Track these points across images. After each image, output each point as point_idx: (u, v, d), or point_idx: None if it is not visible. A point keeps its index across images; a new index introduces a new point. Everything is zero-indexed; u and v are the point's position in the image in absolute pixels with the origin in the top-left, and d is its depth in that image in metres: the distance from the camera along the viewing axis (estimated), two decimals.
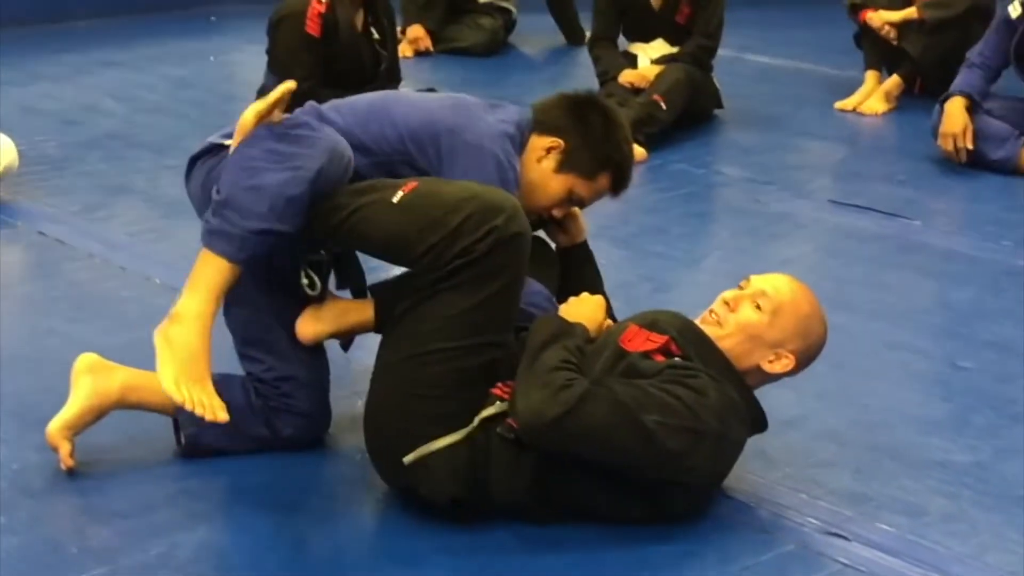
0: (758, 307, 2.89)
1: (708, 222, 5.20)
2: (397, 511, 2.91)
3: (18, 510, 2.88)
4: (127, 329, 3.80)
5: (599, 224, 4.97)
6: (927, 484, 3.11)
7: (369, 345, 3.07)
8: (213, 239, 2.81)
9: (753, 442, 2.99)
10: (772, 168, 5.64)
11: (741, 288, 2.95)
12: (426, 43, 7.58)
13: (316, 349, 3.10)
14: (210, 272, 2.81)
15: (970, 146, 5.54)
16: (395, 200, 2.77)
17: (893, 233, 4.86)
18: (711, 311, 2.95)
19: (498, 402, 2.79)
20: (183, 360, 2.77)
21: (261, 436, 3.08)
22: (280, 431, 3.09)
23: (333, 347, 3.17)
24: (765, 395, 3.01)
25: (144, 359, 3.58)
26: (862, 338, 3.87)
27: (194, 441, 3.05)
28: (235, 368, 3.15)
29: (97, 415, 3.02)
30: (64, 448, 2.97)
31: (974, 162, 5.56)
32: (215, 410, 2.74)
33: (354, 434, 3.10)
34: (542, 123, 3.17)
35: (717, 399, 2.75)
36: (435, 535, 2.82)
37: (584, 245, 3.34)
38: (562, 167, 3.16)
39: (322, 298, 3.04)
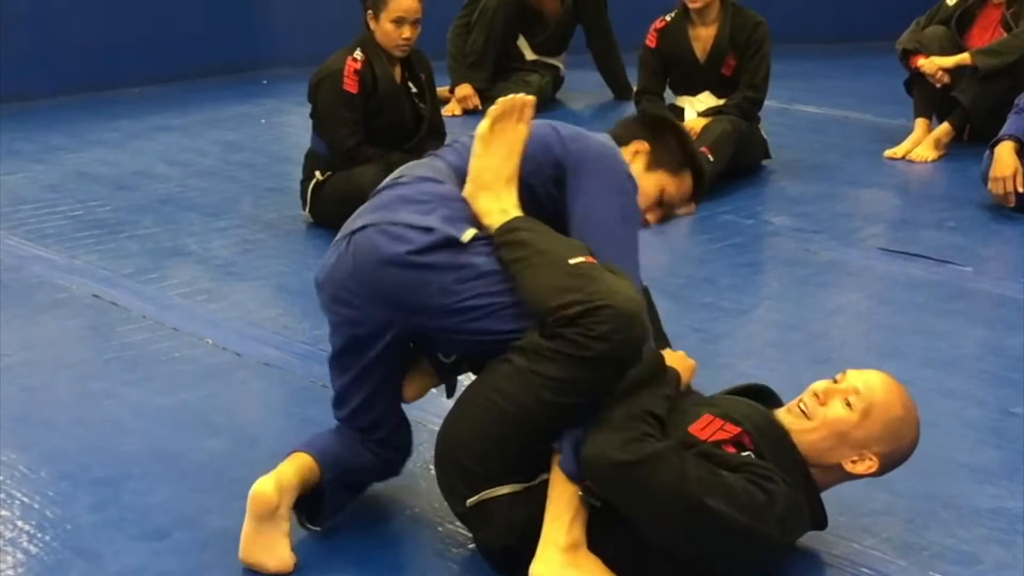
0: (848, 404, 2.84)
1: (757, 272, 5.19)
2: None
3: (70, 570, 2.91)
4: (179, 390, 3.85)
5: (647, 276, 4.94)
6: (981, 532, 3.07)
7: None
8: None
9: None
10: (821, 217, 5.63)
11: (836, 381, 2.89)
12: (475, 101, 7.63)
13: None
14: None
15: (1020, 188, 5.51)
16: (570, 262, 2.77)
17: (944, 280, 4.83)
18: (801, 400, 2.89)
19: None
20: None
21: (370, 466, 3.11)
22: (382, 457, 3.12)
23: None
24: None
25: (195, 419, 3.64)
26: (913, 386, 3.78)
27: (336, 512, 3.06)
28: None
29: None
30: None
31: None
32: None
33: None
34: (620, 136, 3.22)
35: (785, 507, 2.72)
36: None
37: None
38: (651, 166, 3.21)
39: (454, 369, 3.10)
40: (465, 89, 7.64)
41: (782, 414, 2.90)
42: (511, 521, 2.79)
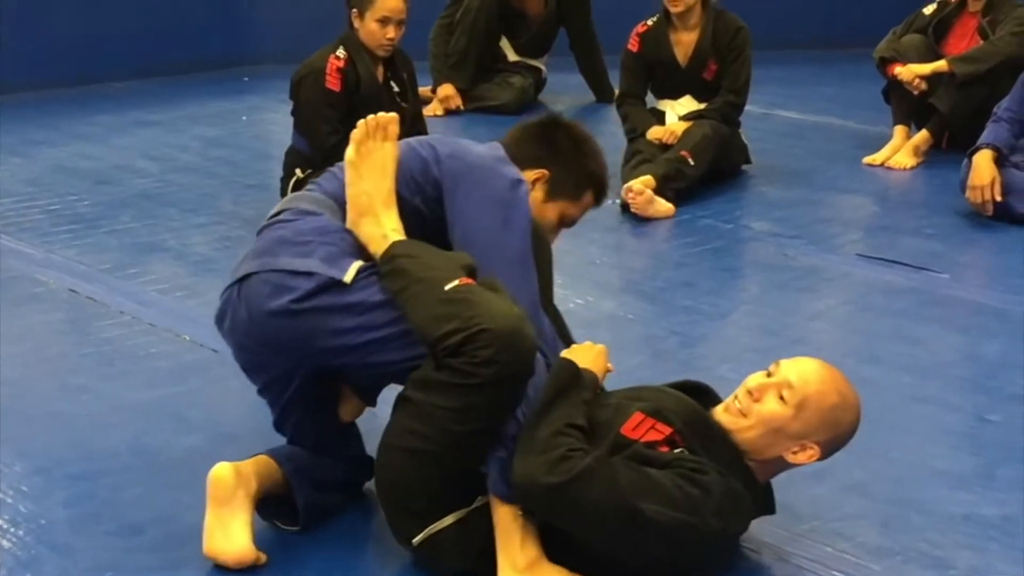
0: (782, 398, 2.83)
1: (736, 276, 5.20)
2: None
3: (45, 565, 2.90)
4: (156, 386, 3.85)
5: (627, 279, 5.02)
6: (954, 538, 3.09)
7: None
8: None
9: (780, 495, 2.98)
10: (800, 222, 5.64)
11: (769, 374, 2.88)
12: (457, 101, 7.64)
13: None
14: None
15: (998, 197, 5.53)
16: (445, 288, 2.75)
17: (921, 287, 4.85)
18: (736, 398, 2.89)
19: None
20: None
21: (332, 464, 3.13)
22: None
23: None
24: None
25: (171, 415, 3.64)
26: (890, 391, 3.86)
27: (311, 509, 3.06)
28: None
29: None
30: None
31: (1002, 215, 5.56)
32: None
33: None
34: (517, 157, 3.15)
35: (721, 497, 2.71)
36: None
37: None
38: (551, 195, 3.19)
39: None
40: (447, 89, 7.65)
41: (720, 413, 2.90)
42: (463, 546, 2.81)
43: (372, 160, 2.97)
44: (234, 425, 3.61)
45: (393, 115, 3.03)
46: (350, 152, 2.98)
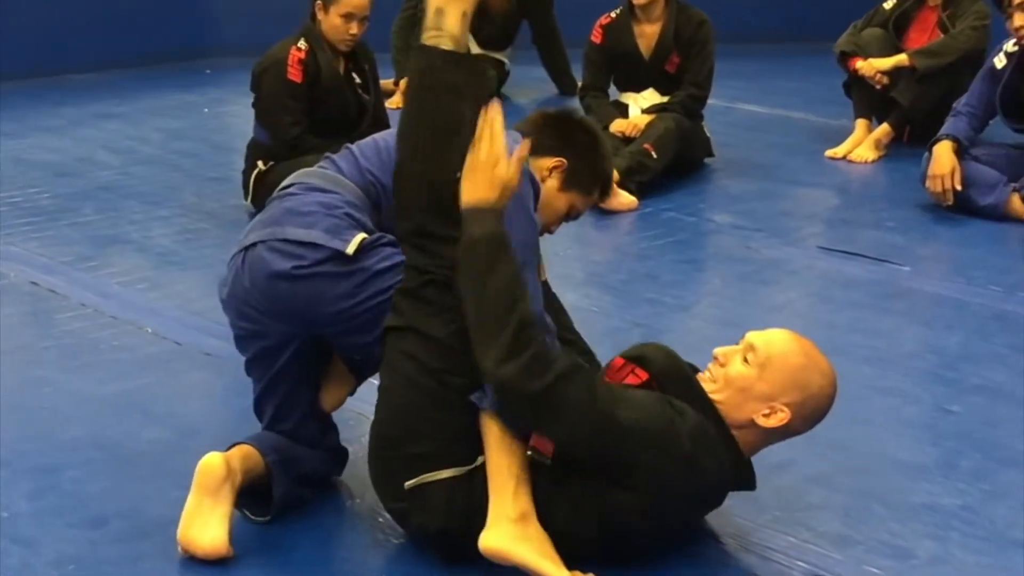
0: (746, 360, 2.87)
1: (699, 269, 5.22)
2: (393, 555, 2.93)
3: (8, 558, 2.88)
4: (119, 378, 3.83)
5: (590, 271, 5.03)
6: (915, 527, 3.11)
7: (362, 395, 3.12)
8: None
9: None
10: (762, 215, 5.67)
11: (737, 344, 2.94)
12: None
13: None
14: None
15: (959, 187, 5.56)
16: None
17: (882, 279, 4.88)
18: (707, 369, 2.94)
19: None
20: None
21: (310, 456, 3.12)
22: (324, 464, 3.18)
23: None
24: None
25: (134, 408, 3.62)
26: (851, 383, 3.84)
27: (286, 501, 3.06)
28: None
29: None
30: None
31: (963, 208, 5.60)
32: None
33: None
34: (535, 145, 3.14)
35: (695, 425, 2.76)
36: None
37: (546, 284, 3.33)
38: (565, 185, 3.24)
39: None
40: None
41: None
42: (451, 503, 2.80)
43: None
44: (196, 418, 3.60)
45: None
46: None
